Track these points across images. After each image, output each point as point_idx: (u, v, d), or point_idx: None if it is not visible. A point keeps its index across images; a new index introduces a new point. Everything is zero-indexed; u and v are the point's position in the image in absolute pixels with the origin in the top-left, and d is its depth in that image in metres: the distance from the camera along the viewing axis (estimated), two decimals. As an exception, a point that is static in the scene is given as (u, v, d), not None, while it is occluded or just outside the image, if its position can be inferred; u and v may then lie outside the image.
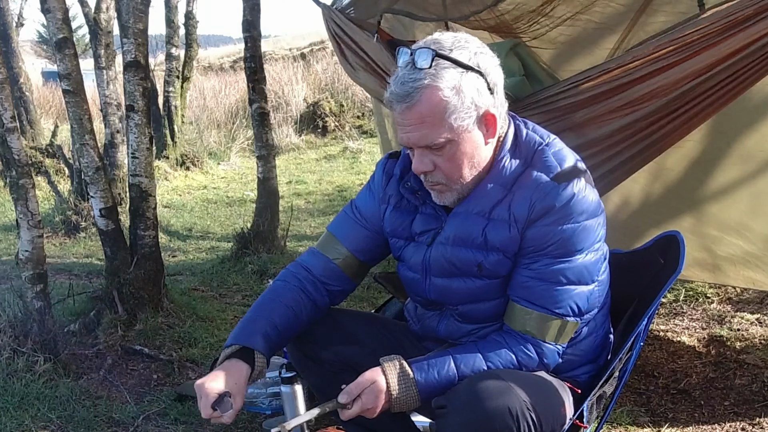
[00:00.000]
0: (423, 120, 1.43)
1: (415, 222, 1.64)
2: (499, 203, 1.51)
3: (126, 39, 3.26)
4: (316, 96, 11.66)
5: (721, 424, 2.43)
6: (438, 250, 1.59)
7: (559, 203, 1.45)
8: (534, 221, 1.47)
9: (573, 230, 1.45)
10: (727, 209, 2.95)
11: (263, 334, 1.56)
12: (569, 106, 2.33)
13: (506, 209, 1.49)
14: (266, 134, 4.92)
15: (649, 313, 1.57)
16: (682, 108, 2.22)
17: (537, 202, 1.46)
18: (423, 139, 1.46)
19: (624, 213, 3.22)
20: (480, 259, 1.53)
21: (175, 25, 9.06)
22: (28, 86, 8.59)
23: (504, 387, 1.39)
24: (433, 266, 1.60)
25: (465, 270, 1.56)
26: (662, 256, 1.69)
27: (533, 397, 1.40)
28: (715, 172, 2.92)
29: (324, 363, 1.73)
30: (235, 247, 4.75)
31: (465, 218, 1.54)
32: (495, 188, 1.51)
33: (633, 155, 2.37)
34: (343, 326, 1.76)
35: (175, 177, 8.26)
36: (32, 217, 2.82)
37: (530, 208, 1.47)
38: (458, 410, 1.39)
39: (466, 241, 1.54)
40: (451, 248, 1.56)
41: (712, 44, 2.08)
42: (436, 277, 1.61)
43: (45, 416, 2.45)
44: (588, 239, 1.48)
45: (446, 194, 1.54)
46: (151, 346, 3.05)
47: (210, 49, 23.45)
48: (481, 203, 1.52)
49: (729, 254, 3.07)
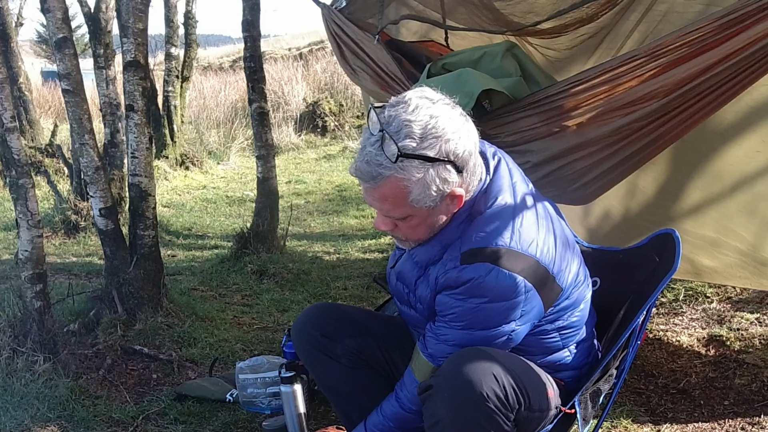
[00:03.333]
0: (385, 199, 1.46)
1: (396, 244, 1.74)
2: (434, 262, 1.55)
3: (126, 39, 3.25)
4: (316, 96, 11.67)
5: (721, 423, 2.43)
6: (392, 277, 1.69)
7: (455, 283, 1.47)
8: (440, 291, 1.52)
9: (469, 308, 1.46)
10: (701, 226, 2.97)
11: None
12: (568, 106, 2.33)
13: (434, 269, 1.54)
14: (266, 134, 4.92)
15: (644, 310, 1.58)
16: (682, 107, 2.22)
17: (440, 276, 1.51)
18: (384, 211, 1.50)
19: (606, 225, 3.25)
20: (412, 301, 1.62)
21: (175, 25, 9.05)
22: (27, 86, 8.58)
23: (485, 356, 1.43)
24: (394, 291, 1.71)
25: (404, 301, 1.66)
26: (658, 254, 1.70)
27: (517, 370, 1.45)
28: (688, 190, 2.95)
29: (339, 358, 1.74)
30: (235, 247, 4.75)
31: (409, 261, 1.61)
32: (436, 246, 1.54)
33: (632, 154, 2.37)
34: (354, 319, 1.79)
35: (175, 177, 8.26)
36: (32, 216, 2.82)
37: (436, 281, 1.52)
38: (443, 387, 1.42)
39: (405, 281, 1.63)
40: (396, 281, 1.66)
41: (712, 44, 2.08)
42: (397, 300, 1.71)
43: (45, 416, 2.45)
44: (489, 320, 1.47)
45: (405, 243, 1.60)
46: (150, 346, 3.05)
47: (210, 48, 23.44)
48: (422, 255, 1.57)
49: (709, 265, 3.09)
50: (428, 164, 1.41)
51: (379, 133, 1.41)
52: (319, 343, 1.74)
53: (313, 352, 1.75)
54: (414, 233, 1.53)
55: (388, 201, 1.46)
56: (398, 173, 1.41)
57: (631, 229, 3.14)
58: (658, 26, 2.84)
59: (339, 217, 6.52)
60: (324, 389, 1.87)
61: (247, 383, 2.58)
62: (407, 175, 1.41)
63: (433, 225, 1.51)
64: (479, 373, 1.38)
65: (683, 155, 2.82)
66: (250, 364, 2.62)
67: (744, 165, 2.70)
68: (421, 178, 1.42)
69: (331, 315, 1.76)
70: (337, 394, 1.80)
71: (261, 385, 2.57)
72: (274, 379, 2.55)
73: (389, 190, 1.43)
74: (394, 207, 1.46)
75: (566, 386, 1.63)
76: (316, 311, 1.81)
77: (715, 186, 2.83)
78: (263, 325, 3.58)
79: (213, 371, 2.92)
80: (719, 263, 3.00)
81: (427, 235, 1.53)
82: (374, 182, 1.43)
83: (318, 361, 1.76)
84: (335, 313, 1.79)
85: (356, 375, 1.74)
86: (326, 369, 1.76)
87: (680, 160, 2.86)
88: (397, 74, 2.88)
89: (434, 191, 1.44)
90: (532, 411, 1.47)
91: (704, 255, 3.01)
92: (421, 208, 1.46)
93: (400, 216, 1.48)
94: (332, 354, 1.74)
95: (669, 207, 3.01)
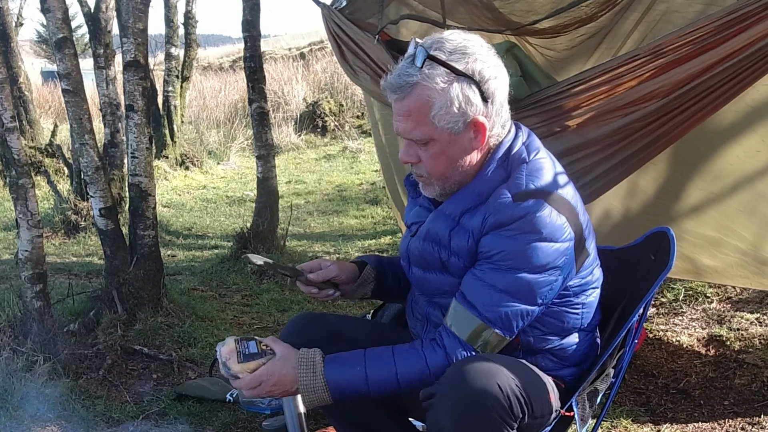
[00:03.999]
0: (410, 113, 1.49)
1: (413, 212, 1.72)
2: (468, 210, 1.53)
3: (126, 39, 3.26)
4: (316, 96, 11.67)
5: (721, 423, 2.43)
6: (415, 243, 1.65)
7: (509, 219, 1.46)
8: (486, 232, 1.49)
9: (523, 246, 1.45)
10: (702, 225, 2.96)
11: (376, 258, 1.85)
12: (568, 106, 2.33)
13: (471, 218, 1.52)
14: (266, 134, 4.92)
15: (639, 309, 1.58)
16: (682, 108, 2.22)
17: (490, 216, 1.48)
18: (408, 132, 1.51)
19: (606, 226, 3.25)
20: (444, 257, 1.57)
21: (175, 25, 9.07)
22: (27, 86, 8.58)
23: (491, 367, 1.40)
24: (412, 257, 1.67)
25: (433, 264, 1.60)
26: (653, 252, 1.70)
27: (521, 378, 1.42)
28: (688, 190, 2.94)
29: None
30: (235, 247, 4.75)
31: (438, 217, 1.59)
32: (472, 195, 1.54)
33: (632, 155, 2.37)
34: (339, 327, 1.78)
35: (175, 177, 8.26)
36: (32, 216, 2.82)
37: (483, 222, 1.49)
38: (447, 395, 1.39)
39: (435, 238, 1.58)
40: (423, 242, 1.62)
41: (712, 44, 2.08)
42: (415, 267, 1.67)
43: (45, 416, 2.45)
44: (539, 260, 1.45)
45: (429, 188, 1.60)
46: (150, 346, 3.05)
47: (209, 48, 23.47)
48: (455, 206, 1.56)
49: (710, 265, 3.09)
50: (453, 76, 1.46)
51: (414, 49, 1.48)
52: None
53: None
54: (436, 165, 1.53)
55: (413, 116, 1.48)
56: (424, 80, 1.45)
57: (632, 229, 3.14)
58: (657, 26, 2.84)
59: (339, 217, 6.52)
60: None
61: (247, 383, 2.58)
62: (432, 83, 1.45)
63: (455, 160, 1.52)
64: (484, 383, 1.36)
65: (683, 155, 2.82)
66: (250, 364, 2.62)
67: (744, 164, 2.71)
68: (445, 89, 1.45)
69: (316, 324, 1.76)
70: (328, 407, 1.80)
71: (261, 385, 2.57)
72: (274, 379, 2.54)
73: (414, 102, 1.47)
74: (417, 125, 1.49)
75: (566, 386, 1.63)
76: (301, 321, 1.81)
77: (716, 186, 2.83)
78: (263, 325, 3.58)
79: (213, 371, 2.92)
80: (720, 262, 3.00)
81: (451, 173, 1.54)
82: (401, 92, 1.48)
83: None
84: (320, 322, 1.79)
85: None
86: None
87: (680, 159, 2.86)
88: (397, 74, 2.88)
89: (456, 109, 1.46)
90: (535, 418, 1.46)
91: (705, 254, 3.01)
92: (443, 131, 1.48)
93: (423, 137, 1.50)
94: None
95: (669, 207, 3.01)
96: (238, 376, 1.49)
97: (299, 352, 1.52)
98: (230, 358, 1.51)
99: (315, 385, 1.48)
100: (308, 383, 1.48)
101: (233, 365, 1.50)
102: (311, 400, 1.50)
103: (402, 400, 1.77)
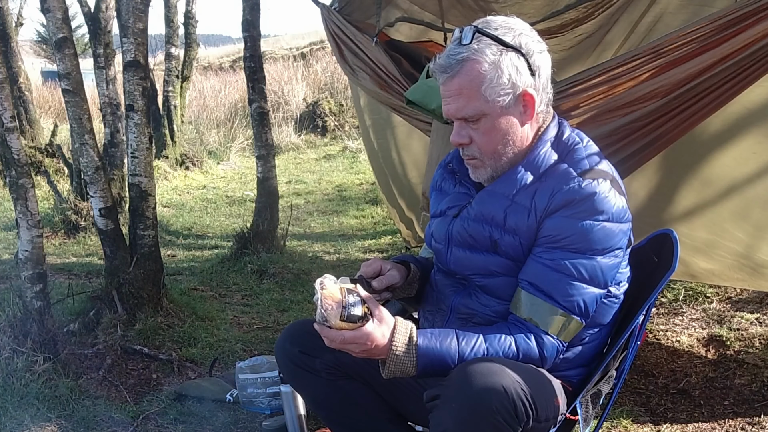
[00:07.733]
0: (461, 91, 1.50)
1: (447, 199, 1.72)
2: (525, 188, 1.54)
3: (126, 39, 3.26)
4: (316, 96, 11.67)
5: (721, 423, 2.43)
6: (460, 223, 1.64)
7: (579, 197, 1.46)
8: (553, 212, 1.48)
9: (591, 227, 1.46)
10: (695, 228, 2.96)
11: (413, 258, 1.80)
12: (567, 107, 2.33)
13: (530, 196, 1.52)
14: (266, 134, 4.92)
15: (643, 311, 1.58)
16: (681, 108, 2.22)
17: (558, 192, 1.48)
18: (460, 111, 1.52)
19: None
20: (496, 236, 1.56)
21: (175, 25, 9.06)
22: (27, 86, 8.57)
23: (496, 369, 1.39)
24: (455, 237, 1.65)
25: (482, 244, 1.59)
26: (656, 255, 1.70)
27: (526, 381, 1.41)
28: (681, 193, 2.94)
29: (319, 372, 1.73)
30: (235, 247, 4.75)
31: (490, 196, 1.59)
32: (526, 173, 1.55)
33: (631, 155, 2.37)
34: None
35: (175, 177, 8.26)
36: (32, 216, 2.82)
37: (550, 198, 1.49)
38: (451, 397, 1.38)
39: (487, 218, 1.58)
40: (472, 222, 1.61)
41: (712, 44, 2.08)
42: (457, 247, 1.65)
43: (45, 416, 2.45)
44: (607, 241, 1.47)
45: (480, 170, 1.60)
46: (150, 346, 3.05)
47: (210, 48, 23.46)
48: (508, 185, 1.56)
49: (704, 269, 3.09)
50: (503, 48, 1.48)
51: (460, 32, 1.51)
52: (299, 359, 1.74)
53: (294, 368, 1.76)
54: (488, 142, 1.54)
55: (464, 94, 1.50)
56: (473, 55, 1.48)
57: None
58: (655, 26, 2.84)
59: (339, 217, 6.52)
60: (309, 404, 1.87)
61: (247, 383, 2.58)
62: (482, 57, 1.47)
63: (507, 134, 1.53)
64: (488, 386, 1.35)
65: (676, 158, 2.82)
66: (250, 364, 2.63)
67: (738, 168, 2.71)
68: (495, 61, 1.48)
69: (310, 331, 1.74)
70: (322, 407, 1.80)
71: (261, 385, 2.57)
72: (274, 379, 2.55)
73: (464, 78, 1.49)
74: (468, 100, 1.50)
75: (573, 389, 1.62)
76: (296, 328, 1.81)
77: (709, 189, 2.84)
78: (263, 325, 3.58)
79: (213, 371, 2.92)
80: (716, 265, 3.00)
81: (503, 149, 1.55)
82: (451, 70, 1.50)
83: (299, 377, 1.76)
84: (314, 328, 1.78)
85: (337, 387, 1.72)
86: (308, 384, 1.76)
87: (673, 163, 2.86)
88: (396, 75, 2.89)
89: (507, 80, 1.48)
90: (539, 422, 1.45)
91: (701, 257, 3.00)
92: (494, 105, 1.50)
93: (474, 113, 1.51)
94: (312, 369, 1.73)
95: (663, 210, 3.01)
96: (331, 326, 1.43)
97: (396, 320, 1.49)
98: (333, 308, 1.42)
99: (406, 357, 1.46)
100: (400, 354, 1.46)
101: (333, 318, 1.42)
102: (394, 370, 1.47)
103: (402, 405, 1.77)
